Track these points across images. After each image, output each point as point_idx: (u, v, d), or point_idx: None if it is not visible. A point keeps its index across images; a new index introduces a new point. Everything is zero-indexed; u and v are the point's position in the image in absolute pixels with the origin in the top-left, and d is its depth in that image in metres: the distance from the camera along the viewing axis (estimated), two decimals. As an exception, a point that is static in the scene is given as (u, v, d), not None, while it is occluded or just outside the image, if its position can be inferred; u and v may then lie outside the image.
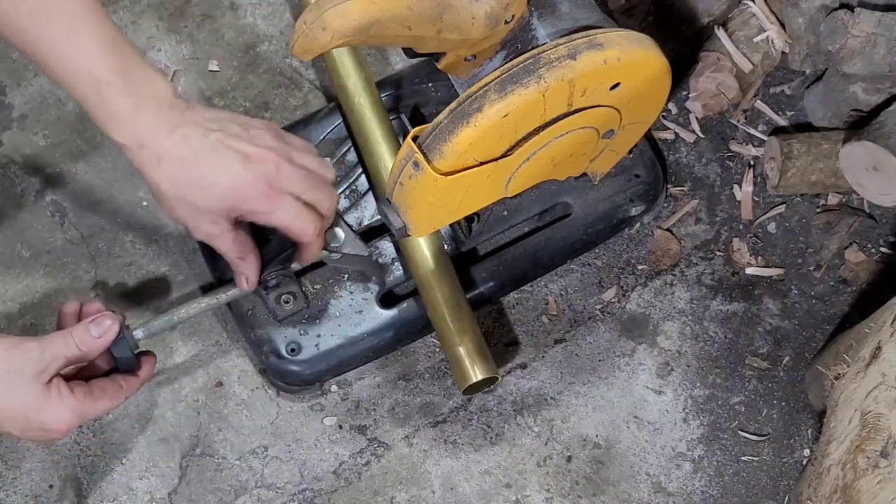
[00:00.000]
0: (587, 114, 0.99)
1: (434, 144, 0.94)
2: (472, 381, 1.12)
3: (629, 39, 0.96)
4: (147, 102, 0.93)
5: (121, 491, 1.18)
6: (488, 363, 1.13)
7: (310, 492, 1.19)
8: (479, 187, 0.99)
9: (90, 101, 0.93)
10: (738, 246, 1.29)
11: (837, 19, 1.21)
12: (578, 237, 1.23)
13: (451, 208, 1.01)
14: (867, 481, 0.98)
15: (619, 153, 1.14)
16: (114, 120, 0.93)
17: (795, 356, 1.25)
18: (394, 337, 1.19)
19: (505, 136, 0.96)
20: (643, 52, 0.97)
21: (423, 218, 1.00)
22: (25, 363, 0.93)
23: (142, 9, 1.37)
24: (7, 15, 0.91)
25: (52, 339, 0.95)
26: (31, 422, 0.94)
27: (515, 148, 0.98)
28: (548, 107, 0.95)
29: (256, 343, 1.17)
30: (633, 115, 1.04)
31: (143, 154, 0.94)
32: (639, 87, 1.00)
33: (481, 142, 0.94)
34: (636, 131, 1.10)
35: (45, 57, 0.92)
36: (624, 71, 0.96)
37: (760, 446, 1.21)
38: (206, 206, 0.96)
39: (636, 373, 1.24)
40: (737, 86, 1.28)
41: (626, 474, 1.20)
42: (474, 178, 0.97)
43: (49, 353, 0.94)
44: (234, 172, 0.95)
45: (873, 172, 1.19)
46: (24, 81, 1.33)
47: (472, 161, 0.96)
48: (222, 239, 1.01)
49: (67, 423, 0.95)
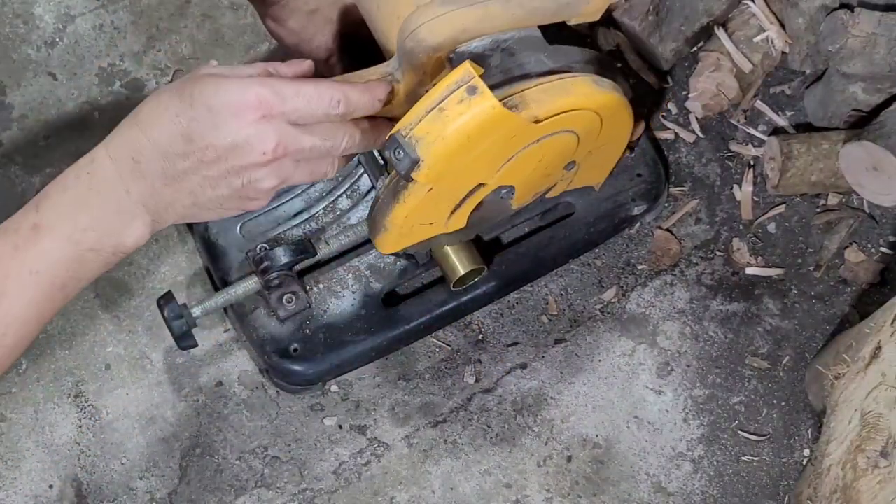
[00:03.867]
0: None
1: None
2: (460, 273, 1.14)
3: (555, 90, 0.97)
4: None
5: (121, 491, 1.18)
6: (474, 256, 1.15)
7: (310, 492, 1.19)
8: (498, 149, 0.98)
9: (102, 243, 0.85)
10: (738, 246, 1.29)
11: (837, 19, 1.21)
12: (580, 237, 1.23)
13: (468, 161, 0.96)
14: (867, 481, 0.98)
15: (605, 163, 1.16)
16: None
17: (795, 356, 1.25)
18: (396, 337, 1.19)
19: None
20: (574, 100, 0.98)
21: (445, 155, 0.93)
22: (195, 72, 0.86)
23: (142, 9, 1.37)
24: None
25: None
26: (215, 111, 0.83)
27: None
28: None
29: (259, 343, 1.17)
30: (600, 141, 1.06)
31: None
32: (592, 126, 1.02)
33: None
34: (609, 152, 1.11)
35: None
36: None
37: (760, 446, 1.21)
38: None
39: (636, 373, 1.24)
40: (737, 86, 1.28)
41: (626, 474, 1.20)
42: (509, 130, 0.95)
43: (232, 67, 0.88)
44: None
45: (873, 172, 1.19)
46: (24, 81, 1.33)
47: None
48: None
49: (255, 99, 0.83)
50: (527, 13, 0.99)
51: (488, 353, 1.24)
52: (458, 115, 0.91)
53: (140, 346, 1.23)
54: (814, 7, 1.25)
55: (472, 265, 1.14)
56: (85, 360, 1.23)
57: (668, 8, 1.29)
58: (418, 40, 0.96)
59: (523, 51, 1.01)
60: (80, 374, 1.22)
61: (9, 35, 1.36)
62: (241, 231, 1.20)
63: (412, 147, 0.91)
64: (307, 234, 1.18)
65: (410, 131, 0.92)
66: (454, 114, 0.91)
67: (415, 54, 0.97)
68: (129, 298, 1.25)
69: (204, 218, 0.91)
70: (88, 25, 1.36)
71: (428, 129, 0.91)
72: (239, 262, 1.18)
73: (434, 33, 0.96)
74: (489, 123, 0.92)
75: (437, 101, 0.91)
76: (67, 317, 1.24)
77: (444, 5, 0.96)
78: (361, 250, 1.19)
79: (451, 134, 0.91)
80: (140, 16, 1.37)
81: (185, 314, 1.08)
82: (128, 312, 1.25)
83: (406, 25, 0.97)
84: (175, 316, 1.08)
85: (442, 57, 0.99)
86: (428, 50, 0.97)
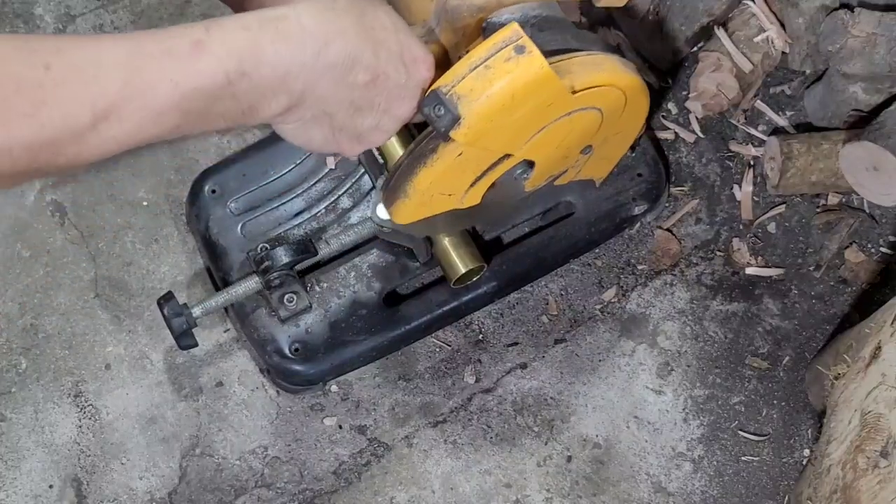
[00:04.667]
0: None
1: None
2: (461, 272, 1.14)
3: (589, 65, 0.97)
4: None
5: (121, 491, 1.18)
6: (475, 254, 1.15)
7: (310, 492, 1.19)
8: (534, 117, 0.97)
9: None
10: (738, 246, 1.29)
11: (837, 19, 1.21)
12: (581, 236, 1.23)
13: (507, 123, 0.95)
14: (867, 481, 0.98)
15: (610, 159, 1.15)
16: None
17: (795, 356, 1.25)
18: (397, 337, 1.19)
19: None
20: (607, 75, 0.98)
21: (487, 114, 0.92)
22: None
23: (142, 9, 1.37)
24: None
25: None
26: (403, 46, 0.89)
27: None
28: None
29: (260, 343, 1.17)
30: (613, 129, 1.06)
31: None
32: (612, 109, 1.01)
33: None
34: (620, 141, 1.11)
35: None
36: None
37: (760, 446, 1.21)
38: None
39: (636, 373, 1.24)
40: (737, 86, 1.28)
41: (626, 474, 1.20)
42: (549, 95, 0.95)
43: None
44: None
45: (873, 172, 1.20)
46: (24, 81, 1.33)
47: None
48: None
49: (431, 59, 0.91)
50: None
51: (488, 353, 1.24)
52: (505, 73, 0.89)
53: (140, 346, 1.23)
54: (814, 7, 1.25)
55: (473, 263, 1.15)
56: (85, 360, 1.23)
57: (668, 8, 1.29)
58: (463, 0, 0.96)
59: (551, 28, 1.01)
60: (80, 374, 1.22)
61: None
62: (241, 231, 1.20)
63: (454, 104, 0.90)
64: (308, 234, 1.18)
65: (452, 88, 0.90)
66: (501, 72, 0.89)
67: (458, 14, 0.96)
68: (129, 298, 1.25)
69: (312, 139, 0.92)
70: (88, 25, 1.36)
71: (472, 87, 0.90)
72: (240, 262, 1.18)
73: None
74: (535, 84, 0.91)
75: (482, 59, 0.90)
76: (67, 317, 1.24)
77: None
78: (362, 250, 1.19)
79: (496, 92, 0.90)
80: (140, 16, 1.37)
81: (185, 314, 1.08)
82: (128, 312, 1.25)
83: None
84: (175, 315, 1.08)
85: (482, 19, 0.98)
86: (473, 9, 0.96)
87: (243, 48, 0.80)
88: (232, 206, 1.21)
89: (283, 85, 0.84)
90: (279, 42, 0.82)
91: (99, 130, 0.76)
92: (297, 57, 0.83)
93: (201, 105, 0.80)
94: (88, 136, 0.75)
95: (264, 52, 0.81)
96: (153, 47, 0.77)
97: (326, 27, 0.85)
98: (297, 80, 0.84)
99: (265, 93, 0.83)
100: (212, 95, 0.80)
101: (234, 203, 1.21)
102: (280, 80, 0.83)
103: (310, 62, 0.84)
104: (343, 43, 0.85)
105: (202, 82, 0.79)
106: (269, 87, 0.83)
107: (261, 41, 0.81)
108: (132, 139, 0.78)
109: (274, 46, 0.82)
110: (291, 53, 0.83)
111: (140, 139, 0.79)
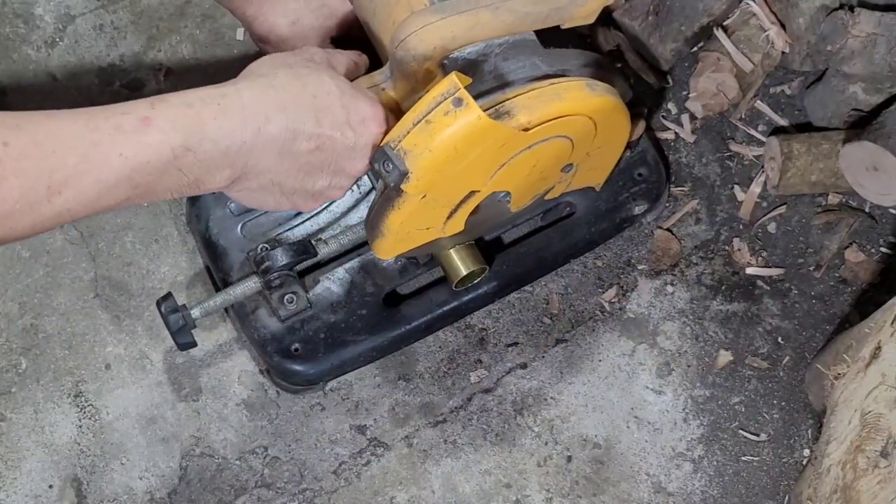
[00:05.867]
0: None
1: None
2: (462, 274, 1.14)
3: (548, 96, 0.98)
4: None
5: (121, 491, 1.18)
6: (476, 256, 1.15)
7: (310, 492, 1.19)
8: (488, 158, 0.97)
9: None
10: (738, 246, 1.29)
11: (837, 19, 1.21)
12: (582, 236, 1.23)
13: (457, 170, 0.96)
14: (867, 481, 0.98)
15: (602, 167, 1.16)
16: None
17: (795, 356, 1.25)
18: (397, 337, 1.19)
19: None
20: (568, 105, 0.98)
21: (433, 166, 0.93)
22: (312, 56, 0.93)
23: (142, 9, 1.37)
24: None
25: (327, 49, 0.98)
26: (349, 109, 0.91)
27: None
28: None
29: (260, 343, 1.17)
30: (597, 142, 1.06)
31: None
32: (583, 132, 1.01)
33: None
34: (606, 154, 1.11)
35: None
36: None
37: (760, 446, 1.21)
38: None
39: (636, 373, 1.24)
40: (737, 86, 1.28)
41: (626, 474, 1.20)
42: (497, 139, 0.95)
43: (329, 52, 0.96)
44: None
45: (873, 172, 1.19)
46: (24, 81, 1.33)
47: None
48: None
49: (380, 115, 0.93)
50: (517, 19, 0.98)
51: (488, 353, 1.24)
52: (444, 126, 0.91)
53: (140, 346, 1.23)
54: (814, 7, 1.25)
55: (475, 265, 1.14)
56: (85, 360, 1.23)
57: (668, 8, 1.29)
58: (408, 49, 0.96)
59: (517, 55, 1.01)
60: (80, 374, 1.22)
61: (9, 35, 1.36)
62: (241, 231, 1.20)
63: (401, 159, 0.92)
64: (308, 235, 1.18)
65: (399, 144, 0.93)
66: (440, 126, 0.91)
67: (405, 63, 0.97)
68: (129, 298, 1.25)
69: (266, 203, 0.95)
70: (88, 25, 1.36)
71: (415, 142, 0.92)
72: (240, 263, 1.18)
73: (424, 42, 0.96)
74: (475, 135, 0.92)
75: (423, 114, 0.92)
76: (67, 317, 1.24)
77: (435, 13, 0.96)
78: (362, 250, 1.19)
79: (437, 146, 0.92)
80: (140, 16, 1.37)
81: (184, 315, 1.08)
82: (128, 312, 1.25)
83: (396, 35, 0.96)
84: (174, 316, 1.08)
85: (432, 66, 0.98)
86: (418, 59, 0.97)
87: (187, 124, 0.83)
88: (232, 206, 1.20)
89: (226, 159, 0.86)
90: (221, 118, 0.85)
91: (53, 203, 0.79)
92: (238, 134, 0.86)
93: (149, 179, 0.83)
94: (43, 208, 0.79)
95: (207, 128, 0.84)
96: (104, 123, 0.81)
97: (266, 103, 0.88)
98: (240, 155, 0.87)
99: (209, 167, 0.86)
100: (158, 169, 0.83)
101: (234, 203, 1.21)
102: (223, 154, 0.86)
103: (250, 139, 0.87)
104: (283, 117, 0.88)
105: (150, 156, 0.82)
106: (212, 162, 0.86)
107: (203, 117, 0.84)
108: (84, 210, 0.82)
109: (216, 122, 0.85)
110: (233, 130, 0.86)
111: (91, 211, 0.82)
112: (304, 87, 0.90)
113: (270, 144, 0.88)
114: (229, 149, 0.86)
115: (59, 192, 0.79)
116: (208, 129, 0.84)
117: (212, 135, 0.85)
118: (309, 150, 0.90)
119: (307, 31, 1.14)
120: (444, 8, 0.96)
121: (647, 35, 1.30)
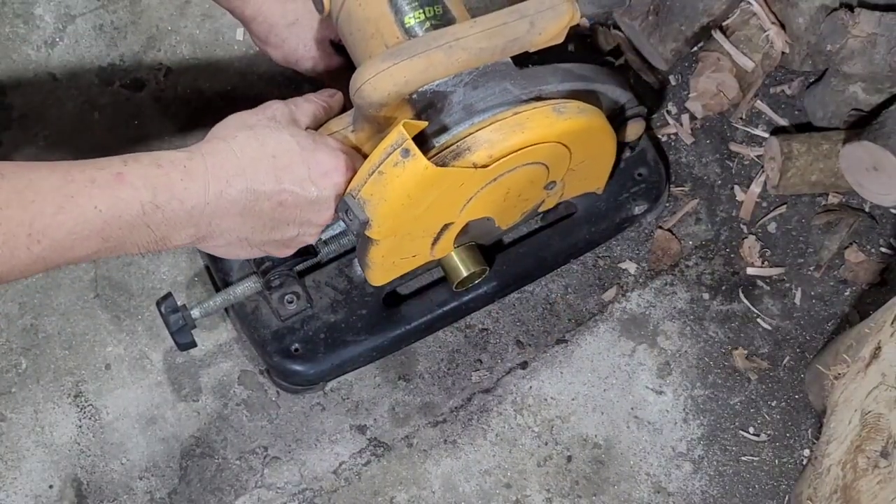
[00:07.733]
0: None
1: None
2: (463, 275, 1.14)
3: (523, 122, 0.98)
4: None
5: (121, 491, 1.18)
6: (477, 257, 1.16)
7: (310, 492, 1.19)
8: (450, 196, 0.99)
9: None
10: (738, 246, 1.29)
11: (837, 19, 1.21)
12: (582, 236, 1.23)
13: (418, 213, 0.99)
14: (867, 481, 0.98)
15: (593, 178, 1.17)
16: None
17: (795, 356, 1.25)
18: (397, 337, 1.19)
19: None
20: (529, 135, 0.98)
21: (391, 214, 0.97)
22: (274, 113, 0.96)
23: (142, 9, 1.37)
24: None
25: (292, 100, 1.00)
26: (309, 164, 0.94)
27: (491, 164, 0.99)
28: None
29: (260, 343, 1.17)
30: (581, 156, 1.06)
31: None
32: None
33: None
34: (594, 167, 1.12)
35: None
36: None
37: (760, 446, 1.21)
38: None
39: (636, 373, 1.24)
40: (737, 86, 1.28)
41: (626, 474, 1.20)
42: (454, 181, 0.97)
43: (292, 105, 0.98)
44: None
45: (873, 172, 1.20)
46: (24, 81, 1.33)
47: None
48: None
49: (342, 165, 0.95)
50: (472, 56, 0.98)
51: (488, 353, 1.24)
52: (394, 177, 0.94)
53: (140, 346, 1.23)
54: (814, 7, 1.25)
55: (475, 266, 1.15)
56: (85, 360, 1.23)
57: (668, 8, 1.29)
58: (363, 97, 0.97)
59: (487, 82, 1.01)
60: (80, 374, 1.22)
61: (9, 35, 1.36)
62: (241, 231, 1.20)
63: (360, 208, 0.96)
64: (307, 235, 1.18)
65: (358, 193, 0.96)
66: (391, 176, 0.94)
67: (363, 109, 0.98)
68: (129, 298, 1.25)
69: (238, 255, 0.99)
70: (88, 25, 1.36)
71: (371, 192, 0.95)
72: (240, 263, 1.18)
73: (378, 90, 0.96)
74: (426, 183, 0.94)
75: (376, 165, 0.94)
76: (67, 317, 1.24)
77: (387, 60, 0.96)
78: (362, 250, 1.19)
79: (391, 196, 0.94)
80: (140, 16, 1.37)
81: (184, 315, 1.09)
82: (128, 312, 1.25)
83: (353, 83, 0.97)
84: (174, 317, 1.09)
85: (390, 111, 0.99)
86: (374, 106, 0.97)
87: (157, 183, 0.88)
88: (232, 207, 1.21)
89: (191, 219, 0.90)
90: (187, 180, 0.90)
91: (32, 251, 0.83)
92: (202, 196, 0.90)
93: (120, 233, 0.87)
94: (22, 255, 0.82)
95: (175, 188, 0.88)
96: (80, 175, 0.85)
97: (226, 167, 0.91)
98: (203, 216, 0.91)
99: (175, 225, 0.90)
100: (129, 223, 0.87)
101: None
102: (188, 214, 0.90)
103: (213, 201, 0.91)
104: (242, 180, 0.92)
105: (122, 210, 0.86)
106: (178, 220, 0.90)
107: (172, 178, 0.89)
108: (57, 260, 0.85)
109: (183, 184, 0.89)
110: (197, 192, 0.90)
111: (64, 260, 0.86)
112: (263, 148, 0.93)
113: (232, 206, 0.92)
114: (194, 209, 0.90)
115: (38, 241, 0.82)
116: (176, 190, 0.88)
117: (179, 195, 0.89)
118: (272, 207, 0.94)
119: (306, 32, 1.14)
120: (398, 52, 0.96)
121: (647, 35, 1.30)
